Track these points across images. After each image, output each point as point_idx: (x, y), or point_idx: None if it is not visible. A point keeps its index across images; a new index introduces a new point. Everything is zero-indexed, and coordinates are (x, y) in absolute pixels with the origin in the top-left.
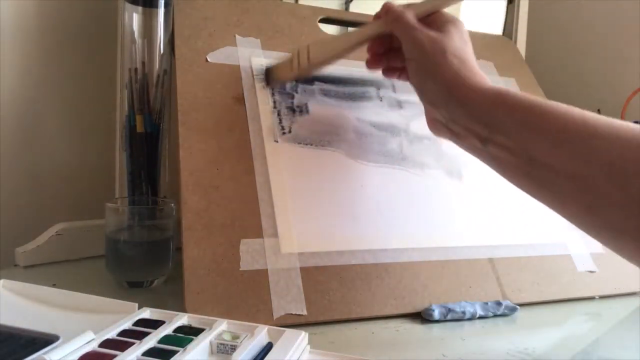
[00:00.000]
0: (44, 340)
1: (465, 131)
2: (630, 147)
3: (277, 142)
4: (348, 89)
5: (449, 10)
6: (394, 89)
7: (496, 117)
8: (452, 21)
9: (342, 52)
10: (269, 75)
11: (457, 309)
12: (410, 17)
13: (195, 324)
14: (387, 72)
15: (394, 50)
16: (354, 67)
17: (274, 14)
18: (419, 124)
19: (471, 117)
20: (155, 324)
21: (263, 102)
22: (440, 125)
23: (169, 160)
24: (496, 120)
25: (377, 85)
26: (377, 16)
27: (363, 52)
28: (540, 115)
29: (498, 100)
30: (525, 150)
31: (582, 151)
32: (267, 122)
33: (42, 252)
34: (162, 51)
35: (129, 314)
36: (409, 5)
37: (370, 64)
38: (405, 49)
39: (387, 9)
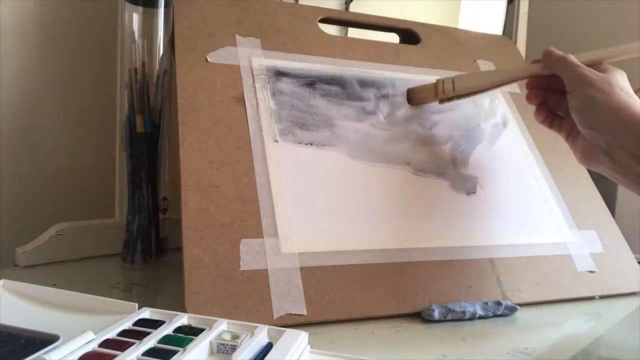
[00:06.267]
0: (44, 340)
1: (628, 157)
2: None
3: (277, 142)
4: (348, 90)
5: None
6: (394, 90)
7: None
8: (617, 69)
9: (488, 86)
10: (410, 95)
11: (457, 309)
12: (574, 58)
13: (195, 324)
14: (541, 112)
15: (550, 91)
16: (354, 67)
17: (274, 14)
18: (419, 123)
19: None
20: (155, 324)
21: (263, 102)
22: (599, 152)
23: (169, 160)
24: None
25: (377, 85)
26: (536, 60)
27: (367, 52)
28: None
29: None
30: None
31: None
32: (267, 122)
33: (42, 252)
34: (162, 51)
35: (129, 314)
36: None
37: (530, 98)
38: (569, 83)
39: (549, 53)
